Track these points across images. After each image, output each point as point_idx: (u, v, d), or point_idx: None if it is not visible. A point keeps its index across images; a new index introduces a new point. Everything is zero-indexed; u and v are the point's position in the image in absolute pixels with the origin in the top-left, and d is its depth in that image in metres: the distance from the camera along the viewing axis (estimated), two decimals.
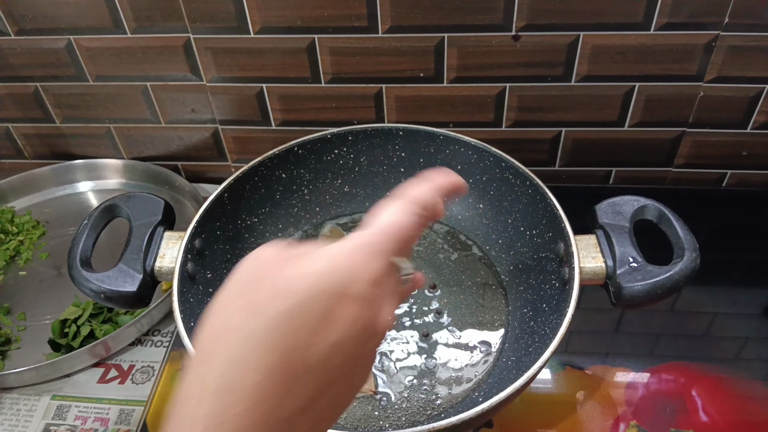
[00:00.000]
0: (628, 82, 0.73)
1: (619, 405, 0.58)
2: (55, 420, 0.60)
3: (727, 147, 0.79)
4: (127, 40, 0.74)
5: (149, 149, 0.87)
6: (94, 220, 0.54)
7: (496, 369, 0.55)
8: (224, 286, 0.28)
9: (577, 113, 0.77)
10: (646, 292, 0.48)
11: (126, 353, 0.66)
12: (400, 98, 0.77)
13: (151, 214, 0.55)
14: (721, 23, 0.67)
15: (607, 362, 0.61)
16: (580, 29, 0.69)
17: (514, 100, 0.76)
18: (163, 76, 0.78)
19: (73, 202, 0.85)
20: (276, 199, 0.65)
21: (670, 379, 0.59)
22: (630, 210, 0.53)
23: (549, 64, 0.72)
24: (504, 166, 0.61)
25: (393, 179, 0.68)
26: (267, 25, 0.71)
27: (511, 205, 0.61)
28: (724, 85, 0.73)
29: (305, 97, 0.78)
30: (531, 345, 0.53)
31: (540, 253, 0.57)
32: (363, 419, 0.52)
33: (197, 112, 0.81)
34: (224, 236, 0.60)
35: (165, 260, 0.53)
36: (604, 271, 0.50)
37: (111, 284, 0.50)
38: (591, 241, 0.52)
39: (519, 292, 0.59)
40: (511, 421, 0.57)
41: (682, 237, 0.50)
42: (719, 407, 0.57)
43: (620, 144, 0.80)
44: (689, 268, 0.48)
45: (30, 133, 0.87)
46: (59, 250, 0.78)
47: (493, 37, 0.70)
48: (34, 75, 0.80)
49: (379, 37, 0.71)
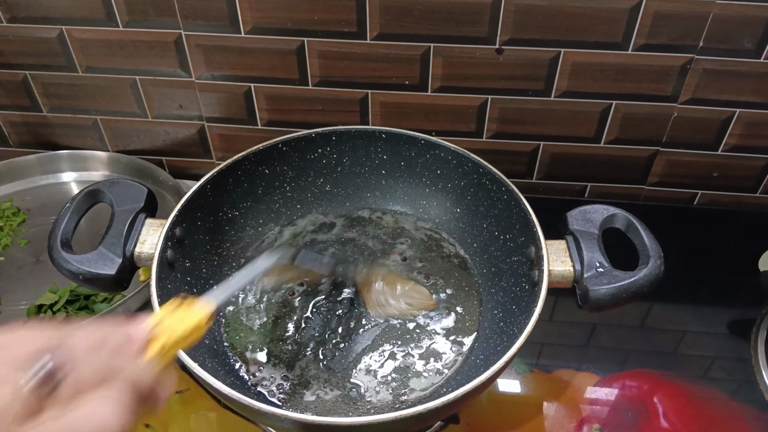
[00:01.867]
0: (605, 99, 0.76)
1: (583, 408, 0.59)
2: None
3: (699, 167, 0.82)
4: (119, 33, 0.75)
5: (135, 143, 0.88)
6: (77, 203, 0.54)
7: (465, 367, 0.56)
8: None
9: (556, 128, 0.79)
10: (612, 296, 0.50)
11: None
12: (385, 104, 0.79)
13: (133, 201, 0.56)
14: (696, 47, 0.70)
15: (573, 366, 0.63)
16: (561, 46, 0.71)
17: (495, 111, 0.78)
18: (152, 70, 0.79)
19: (56, 192, 0.86)
20: (258, 194, 0.66)
21: (633, 386, 0.61)
22: (600, 218, 0.55)
23: (530, 78, 0.75)
24: (481, 172, 0.63)
25: (374, 181, 0.70)
26: (258, 25, 0.73)
27: (487, 210, 0.63)
28: (697, 107, 0.75)
29: (292, 99, 0.79)
30: (499, 344, 0.54)
31: (512, 257, 0.59)
32: (332, 411, 0.53)
33: (185, 108, 0.82)
34: (205, 227, 0.61)
35: (145, 246, 0.53)
36: (572, 274, 0.52)
37: (90, 266, 0.51)
38: (561, 246, 0.54)
39: (491, 294, 0.61)
40: (479, 420, 0.58)
41: (648, 245, 0.52)
42: (680, 414, 0.59)
43: (596, 160, 0.82)
44: (653, 274, 0.50)
45: (16, 120, 0.87)
46: (39, 238, 0.79)
47: (477, 49, 0.73)
48: (24, 63, 0.81)
49: (367, 44, 0.73)
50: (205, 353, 0.54)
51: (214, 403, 0.59)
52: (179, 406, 0.59)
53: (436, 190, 0.68)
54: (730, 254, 0.78)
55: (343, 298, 0.62)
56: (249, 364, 0.57)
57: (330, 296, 0.62)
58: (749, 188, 0.84)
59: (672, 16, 0.68)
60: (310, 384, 0.55)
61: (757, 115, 0.75)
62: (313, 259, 0.58)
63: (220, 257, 0.63)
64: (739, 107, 0.75)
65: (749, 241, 0.79)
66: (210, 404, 0.59)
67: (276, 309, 0.61)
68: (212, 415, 0.58)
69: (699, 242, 0.80)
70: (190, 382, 0.60)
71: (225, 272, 0.64)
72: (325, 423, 0.44)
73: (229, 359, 0.57)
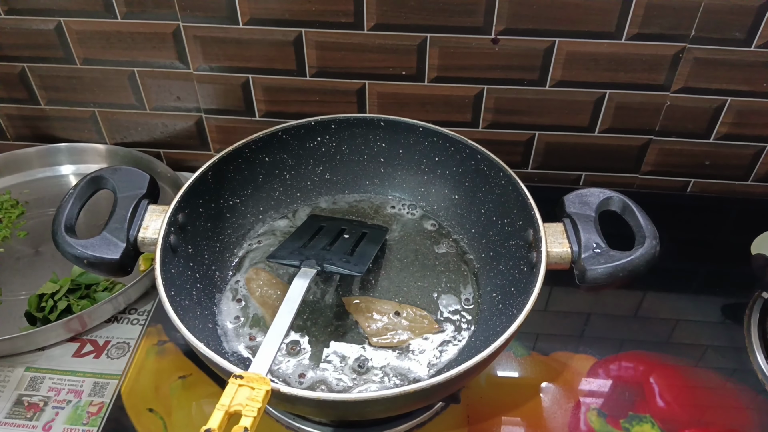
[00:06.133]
0: (599, 89, 0.77)
1: (580, 389, 0.60)
2: (29, 391, 0.61)
3: (692, 156, 0.83)
4: (117, 24, 0.76)
5: (132, 135, 0.88)
6: (81, 189, 0.55)
7: (466, 349, 0.57)
8: None
9: (551, 117, 0.80)
10: (608, 275, 0.51)
11: (102, 329, 0.66)
12: (382, 95, 0.80)
13: (136, 187, 0.56)
14: (688, 36, 0.71)
15: (570, 349, 0.63)
16: (556, 35, 0.72)
17: (491, 101, 0.79)
18: (150, 62, 0.79)
19: (54, 185, 0.86)
20: (258, 182, 0.67)
21: (629, 367, 0.62)
22: (596, 201, 0.56)
23: (525, 68, 0.76)
24: (479, 158, 0.63)
25: (372, 169, 0.71)
26: (256, 16, 0.73)
27: (485, 195, 0.64)
28: (689, 95, 0.77)
29: (290, 90, 0.80)
30: (499, 326, 0.55)
31: (510, 241, 0.60)
32: (333, 390, 0.54)
33: (182, 100, 0.83)
34: (206, 214, 0.61)
35: (148, 231, 0.54)
36: (569, 255, 0.53)
37: (95, 251, 0.51)
38: (558, 228, 0.55)
39: (489, 278, 0.62)
40: (478, 400, 0.59)
41: (644, 226, 0.53)
42: (675, 394, 0.60)
43: (590, 149, 0.83)
44: (650, 253, 0.51)
45: (13, 113, 0.87)
46: (38, 230, 0.79)
47: (473, 39, 0.73)
48: (21, 55, 0.81)
49: (364, 34, 0.74)
50: (208, 336, 0.55)
51: (216, 388, 0.59)
52: (182, 391, 0.59)
53: (435, 177, 0.69)
54: (722, 241, 0.79)
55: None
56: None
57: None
58: (740, 176, 0.85)
59: (664, 6, 0.69)
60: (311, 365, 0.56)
61: (748, 103, 0.77)
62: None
63: (221, 244, 0.64)
64: (730, 96, 0.76)
65: (741, 228, 0.80)
66: (212, 389, 0.59)
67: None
68: (214, 400, 0.59)
69: (691, 229, 0.81)
70: (193, 368, 0.61)
71: (226, 259, 0.64)
72: (330, 399, 0.44)
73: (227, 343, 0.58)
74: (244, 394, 0.42)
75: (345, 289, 0.62)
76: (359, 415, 0.51)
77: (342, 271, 0.56)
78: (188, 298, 0.54)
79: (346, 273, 0.56)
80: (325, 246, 0.60)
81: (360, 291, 0.62)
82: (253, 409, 0.40)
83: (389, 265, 0.65)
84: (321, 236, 0.62)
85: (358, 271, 0.56)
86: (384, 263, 0.65)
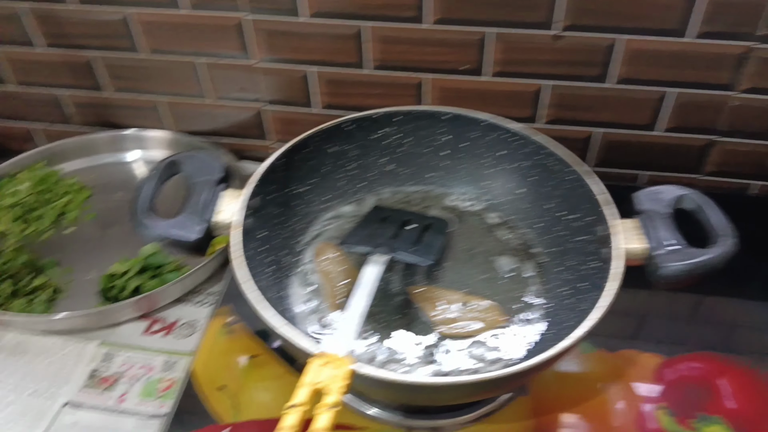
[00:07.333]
0: (661, 86, 0.76)
1: (648, 388, 0.60)
2: (102, 365, 0.63)
3: (756, 157, 0.81)
4: (183, 16, 0.78)
5: (194, 124, 0.90)
6: (159, 172, 0.56)
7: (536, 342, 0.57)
8: None
9: (611, 114, 0.80)
10: (685, 272, 0.50)
11: (170, 309, 0.68)
12: (442, 89, 0.80)
13: (211, 172, 0.57)
14: (754, 34, 0.70)
15: (637, 347, 0.63)
16: (618, 32, 0.72)
17: (551, 97, 0.79)
18: (215, 53, 0.81)
19: (119, 171, 0.88)
20: (324, 171, 0.68)
21: (697, 367, 0.61)
22: (670, 198, 0.55)
23: (587, 64, 0.75)
24: (545, 153, 0.63)
25: (435, 161, 0.71)
26: (319, 10, 0.74)
27: (552, 190, 0.64)
28: (755, 96, 0.75)
29: (351, 83, 0.81)
30: (568, 320, 0.55)
31: (579, 236, 0.60)
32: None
33: (244, 91, 0.84)
34: (277, 200, 0.62)
35: (223, 215, 0.55)
36: (643, 252, 0.53)
37: (176, 230, 0.53)
38: (632, 224, 0.55)
39: (557, 273, 0.62)
40: (545, 394, 0.59)
41: (722, 224, 0.52)
42: (746, 396, 0.59)
43: (651, 148, 0.82)
44: (728, 252, 0.51)
45: (80, 101, 0.90)
46: (105, 213, 0.81)
47: (535, 35, 0.73)
48: (89, 45, 0.83)
49: (425, 28, 0.74)
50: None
51: (284, 368, 0.60)
52: (251, 370, 0.60)
53: (499, 171, 0.69)
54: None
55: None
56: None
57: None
58: None
59: (730, 4, 0.68)
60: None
61: None
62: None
63: (290, 230, 0.65)
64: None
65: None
66: (280, 370, 0.60)
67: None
68: (283, 380, 0.60)
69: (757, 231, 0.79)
70: (261, 348, 0.62)
71: (292, 245, 0.65)
72: (406, 382, 0.45)
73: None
74: (326, 372, 0.42)
75: (408, 279, 0.63)
76: (431, 400, 0.52)
77: (413, 259, 0.56)
78: (264, 280, 0.55)
79: (417, 261, 0.56)
80: (393, 235, 0.61)
81: (425, 281, 0.63)
82: (338, 387, 0.41)
83: (453, 256, 0.65)
84: (387, 226, 0.63)
85: (430, 261, 0.57)
86: (447, 255, 0.65)
